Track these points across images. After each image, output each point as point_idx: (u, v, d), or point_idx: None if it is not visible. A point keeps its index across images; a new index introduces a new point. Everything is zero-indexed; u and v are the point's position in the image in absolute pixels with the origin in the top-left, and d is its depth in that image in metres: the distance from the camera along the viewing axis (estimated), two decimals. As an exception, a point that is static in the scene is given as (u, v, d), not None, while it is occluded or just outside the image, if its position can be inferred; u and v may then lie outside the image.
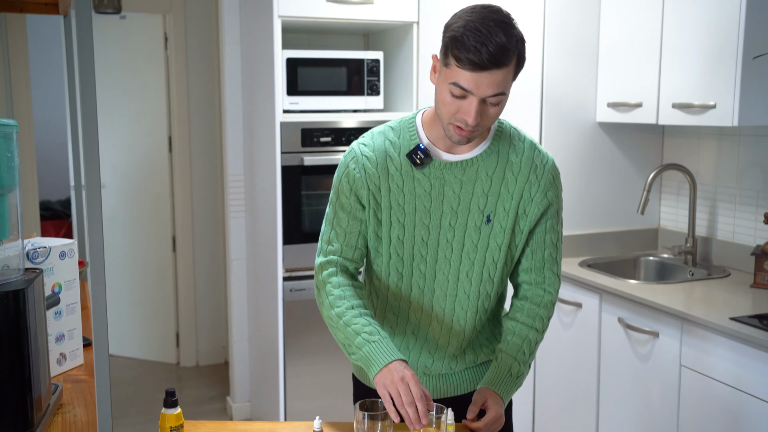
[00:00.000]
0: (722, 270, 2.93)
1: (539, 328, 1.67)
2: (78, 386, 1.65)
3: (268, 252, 3.24)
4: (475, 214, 1.61)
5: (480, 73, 1.42)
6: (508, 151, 1.62)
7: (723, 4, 2.54)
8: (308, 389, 3.15)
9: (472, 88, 1.44)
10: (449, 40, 1.45)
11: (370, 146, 1.64)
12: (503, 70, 1.43)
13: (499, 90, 1.45)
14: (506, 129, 1.66)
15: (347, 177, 1.63)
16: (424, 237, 1.63)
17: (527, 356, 1.65)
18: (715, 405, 2.31)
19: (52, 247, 1.69)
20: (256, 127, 3.41)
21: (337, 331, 1.59)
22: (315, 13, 2.99)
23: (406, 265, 1.65)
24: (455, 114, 1.49)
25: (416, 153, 1.59)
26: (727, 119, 2.54)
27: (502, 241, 1.62)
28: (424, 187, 1.60)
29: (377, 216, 1.63)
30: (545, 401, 3.13)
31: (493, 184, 1.61)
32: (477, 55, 1.40)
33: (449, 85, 1.46)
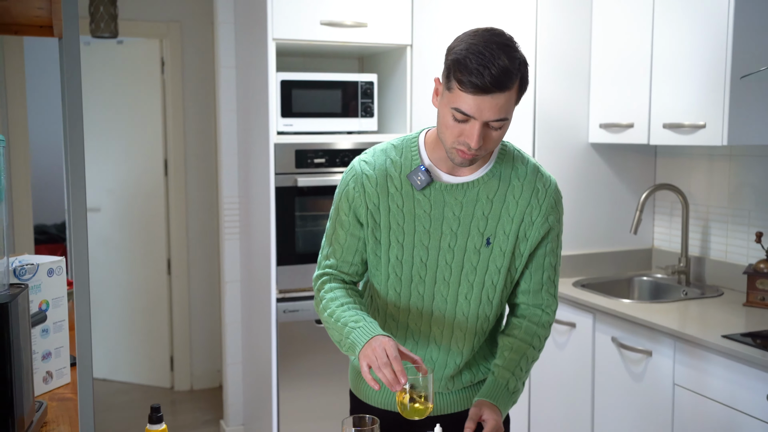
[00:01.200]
0: (715, 289, 2.93)
1: (536, 346, 1.67)
2: (64, 404, 1.64)
3: (262, 273, 3.23)
4: (474, 236, 1.60)
5: (482, 96, 1.41)
6: (510, 174, 1.61)
7: (711, 25, 2.56)
8: (302, 413, 3.13)
9: (474, 112, 1.43)
10: (452, 63, 1.44)
11: (371, 164, 1.63)
12: (506, 94, 1.42)
13: (501, 115, 1.44)
14: (510, 151, 1.64)
15: (347, 195, 1.64)
16: (423, 258, 1.62)
17: (524, 373, 1.64)
18: (709, 424, 2.29)
19: (40, 264, 1.68)
20: (250, 149, 3.42)
21: (332, 332, 1.60)
22: (309, 36, 3.02)
23: (405, 286, 1.64)
24: (458, 137, 1.48)
25: (417, 174, 1.58)
26: (717, 139, 2.55)
27: (501, 264, 1.61)
28: (424, 208, 1.60)
29: (375, 235, 1.63)
30: (541, 420, 3.10)
31: (493, 206, 1.60)
32: (479, 78, 1.39)
33: (452, 109, 1.45)
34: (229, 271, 3.75)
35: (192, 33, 4.48)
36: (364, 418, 1.49)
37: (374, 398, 1.77)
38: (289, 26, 2.99)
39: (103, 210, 4.73)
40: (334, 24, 3.02)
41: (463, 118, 1.45)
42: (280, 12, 2.96)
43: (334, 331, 1.59)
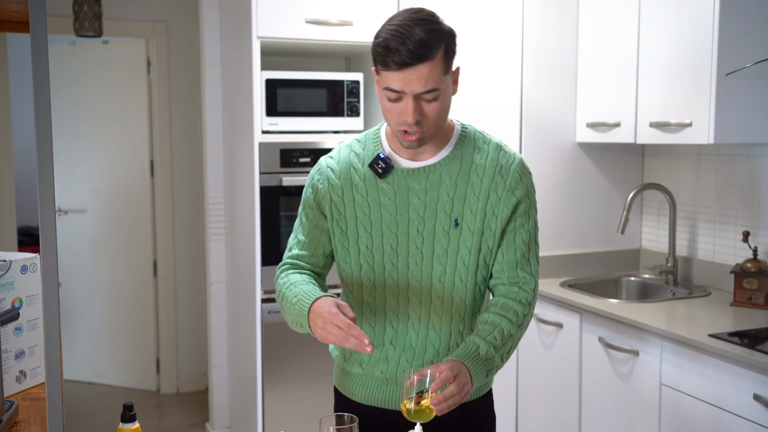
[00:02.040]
0: (703, 289, 2.92)
1: (513, 319, 1.60)
2: (36, 404, 1.61)
3: (247, 274, 3.20)
4: (442, 219, 1.60)
5: (406, 70, 1.45)
6: (473, 154, 1.62)
7: (697, 24, 2.55)
8: (288, 415, 3.09)
9: (402, 87, 1.46)
10: (373, 48, 1.50)
11: (335, 158, 1.68)
12: (428, 64, 1.45)
13: (429, 85, 1.47)
14: (470, 133, 1.66)
15: (312, 188, 1.67)
16: (393, 245, 1.62)
17: (499, 342, 1.56)
18: (696, 423, 2.27)
19: (13, 261, 1.65)
20: (236, 149, 3.39)
21: (286, 315, 1.59)
22: (294, 35, 2.99)
23: (378, 275, 1.64)
24: (398, 118, 1.51)
25: (377, 162, 1.61)
26: (704, 137, 2.54)
27: (471, 245, 1.60)
28: (389, 195, 1.61)
29: (341, 227, 1.64)
30: (528, 421, 3.08)
31: (458, 187, 1.60)
32: (398, 54, 1.44)
33: (384, 91, 1.50)
34: (214, 272, 3.71)
35: (178, 33, 4.45)
36: (343, 416, 1.46)
37: (358, 394, 1.74)
38: (274, 24, 2.97)
39: (89, 211, 4.68)
40: (319, 22, 3.00)
41: (395, 96, 1.48)
42: (264, 10, 2.94)
43: (288, 315, 1.59)
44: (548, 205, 3.20)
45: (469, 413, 1.73)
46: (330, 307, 1.45)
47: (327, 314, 1.44)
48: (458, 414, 1.71)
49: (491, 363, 1.55)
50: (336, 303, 1.48)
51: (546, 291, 2.94)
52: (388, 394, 1.70)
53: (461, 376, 1.45)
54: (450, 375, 1.43)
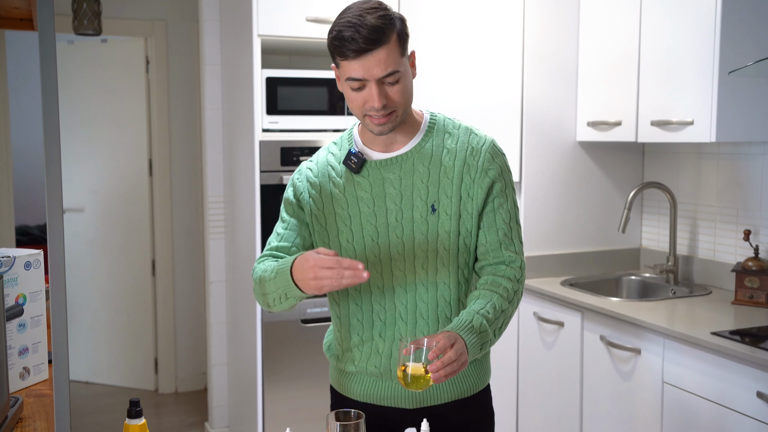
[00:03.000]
0: (704, 288, 2.92)
1: (504, 294, 1.60)
2: (41, 401, 1.60)
3: (247, 272, 3.19)
4: (419, 206, 1.63)
5: (364, 57, 1.49)
6: (443, 140, 1.66)
7: (699, 22, 2.56)
8: (288, 414, 3.08)
9: (363, 74, 1.50)
10: (330, 42, 1.53)
11: (314, 161, 1.73)
12: (384, 48, 1.49)
13: (389, 68, 1.51)
14: (440, 120, 1.69)
15: (292, 188, 1.72)
16: (373, 237, 1.64)
17: (491, 316, 1.55)
18: (699, 421, 2.27)
19: (17, 257, 1.64)
20: (236, 147, 3.39)
21: (268, 297, 1.57)
22: (295, 33, 2.99)
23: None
24: (363, 106, 1.54)
25: (350, 158, 1.65)
26: (705, 135, 2.54)
27: (450, 228, 1.62)
28: (365, 188, 1.65)
29: (321, 223, 1.68)
30: (529, 420, 3.07)
31: (431, 173, 1.63)
32: (354, 43, 1.47)
33: (346, 81, 1.53)
34: (214, 271, 3.70)
35: (177, 32, 4.44)
36: (350, 412, 1.46)
37: (355, 392, 1.74)
38: (275, 23, 2.96)
39: (87, 210, 4.67)
40: (319, 20, 3.00)
41: (358, 84, 1.52)
42: (265, 8, 2.93)
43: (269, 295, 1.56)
44: (549, 204, 3.20)
45: (467, 408, 1.73)
46: (312, 255, 1.43)
47: (313, 262, 1.41)
48: (456, 409, 1.71)
49: (485, 336, 1.54)
50: (315, 251, 1.45)
51: (546, 289, 2.94)
52: (384, 389, 1.70)
53: (458, 344, 1.45)
54: (447, 343, 1.43)
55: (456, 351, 1.43)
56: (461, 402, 1.72)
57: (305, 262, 1.44)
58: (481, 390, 1.76)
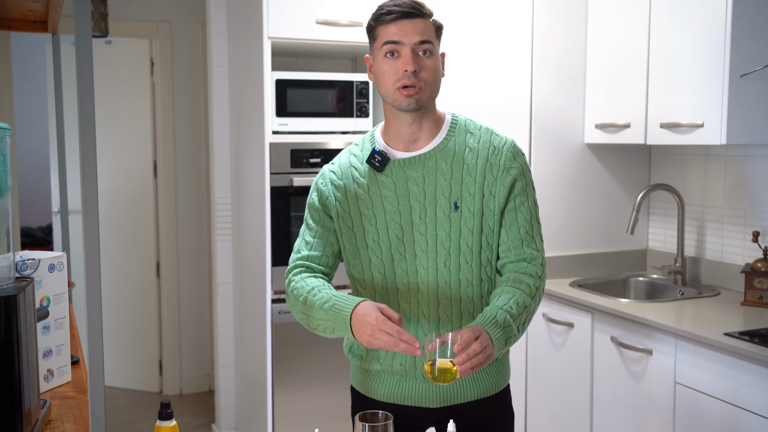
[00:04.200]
0: (712, 289, 2.94)
1: (526, 290, 1.62)
2: (66, 402, 1.60)
3: (257, 274, 3.20)
4: (442, 203, 1.65)
5: (403, 21, 1.58)
6: (465, 139, 1.69)
7: (709, 24, 2.58)
8: (298, 415, 3.09)
9: (400, 36, 1.58)
10: (371, 20, 1.64)
11: (336, 163, 1.76)
12: (423, 20, 1.60)
13: (425, 37, 1.59)
14: (461, 121, 1.73)
15: (317, 192, 1.74)
16: (398, 235, 1.67)
17: (515, 311, 1.57)
18: (712, 421, 2.29)
19: (41, 260, 1.65)
20: (243, 149, 3.39)
21: (312, 320, 1.60)
22: (305, 35, 3.00)
23: (387, 266, 1.68)
24: (396, 75, 1.59)
25: (373, 156, 1.67)
26: (716, 138, 2.56)
27: (473, 225, 1.65)
28: (389, 187, 1.67)
29: (348, 225, 1.70)
30: (537, 421, 3.09)
31: (454, 171, 1.65)
32: (395, 9, 1.59)
33: (382, 48, 1.60)
34: (221, 272, 3.70)
35: (182, 33, 4.44)
36: (377, 414, 1.47)
37: (379, 392, 1.75)
38: (285, 25, 2.97)
39: (91, 212, 4.66)
40: (329, 23, 3.01)
41: (393, 48, 1.59)
42: (275, 11, 2.94)
43: (313, 319, 1.60)
44: (556, 205, 3.22)
45: (487, 407, 1.74)
46: (376, 314, 1.47)
47: (375, 322, 1.46)
48: (477, 408, 1.73)
49: (509, 331, 1.55)
50: (378, 308, 1.49)
51: (555, 291, 2.96)
52: (408, 389, 1.71)
53: (483, 337, 1.48)
54: (472, 336, 1.46)
55: (481, 343, 1.45)
56: (482, 401, 1.74)
57: (367, 317, 1.47)
58: (501, 390, 1.78)
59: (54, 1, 1.99)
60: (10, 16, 2.33)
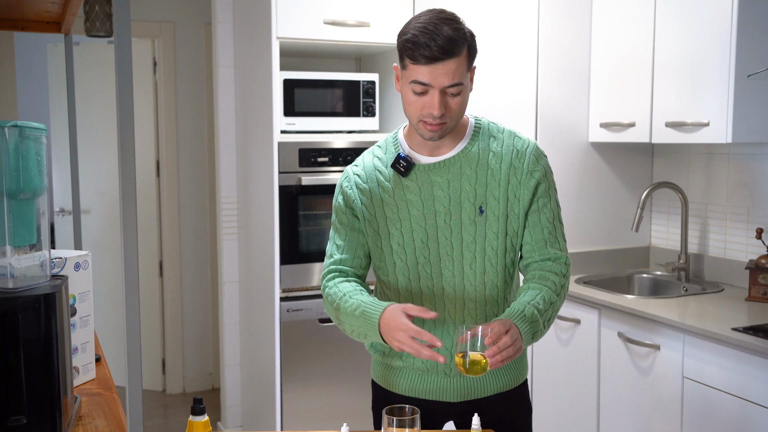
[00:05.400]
0: (715, 285, 2.98)
1: (551, 287, 1.65)
2: (94, 399, 1.63)
3: (265, 273, 3.22)
4: (467, 208, 1.67)
5: (434, 65, 1.53)
6: (489, 143, 1.70)
7: (714, 23, 2.62)
8: (306, 413, 3.11)
9: (430, 80, 1.54)
10: (403, 44, 1.57)
11: (360, 166, 1.77)
12: (455, 60, 1.54)
13: (455, 80, 1.55)
14: (484, 125, 1.74)
15: (342, 195, 1.76)
16: (423, 239, 1.69)
17: (541, 307, 1.60)
18: (720, 415, 2.33)
19: (68, 258, 1.67)
20: (251, 149, 3.41)
21: (344, 325, 1.65)
22: (312, 36, 3.02)
23: (412, 270, 1.71)
24: (421, 111, 1.59)
25: (399, 162, 1.69)
26: (721, 136, 2.61)
27: (498, 229, 1.67)
28: (414, 192, 1.69)
29: (374, 228, 1.72)
30: (544, 418, 3.12)
31: (478, 176, 1.68)
32: (428, 49, 1.52)
33: (410, 84, 1.58)
34: (227, 271, 3.72)
35: (185, 33, 4.45)
36: (404, 408, 1.50)
37: (401, 386, 1.78)
38: (293, 25, 2.99)
39: (93, 212, 4.67)
40: (337, 23, 3.03)
41: (422, 89, 1.56)
42: (283, 11, 2.96)
43: (346, 324, 1.65)
44: (561, 203, 3.22)
45: (507, 402, 1.78)
46: (403, 320, 1.51)
47: (405, 328, 1.49)
48: (497, 402, 1.76)
49: (536, 326, 1.59)
50: (403, 310, 1.53)
51: (562, 288, 2.99)
52: (429, 383, 1.75)
53: (513, 330, 1.51)
54: (502, 329, 1.49)
55: (511, 336, 1.48)
56: (501, 396, 1.77)
57: (395, 323, 1.51)
58: (520, 384, 1.81)
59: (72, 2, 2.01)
60: (26, 17, 2.34)
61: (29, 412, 1.24)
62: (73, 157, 2.64)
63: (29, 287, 1.28)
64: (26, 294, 1.24)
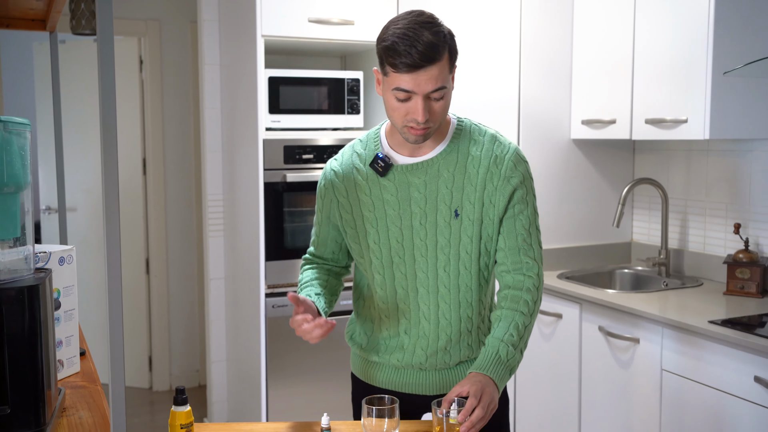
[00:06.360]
0: (695, 280, 3.03)
1: (524, 311, 1.68)
2: (79, 391, 1.65)
3: (250, 269, 3.24)
4: (443, 210, 1.68)
5: (416, 72, 1.52)
6: (468, 146, 1.70)
7: (691, 21, 2.66)
8: (291, 410, 3.14)
9: (412, 87, 1.54)
10: (383, 50, 1.56)
11: (339, 161, 1.78)
12: (437, 65, 1.53)
13: (438, 84, 1.55)
14: (466, 126, 1.73)
15: (320, 193, 1.80)
16: (398, 239, 1.71)
17: (516, 339, 1.64)
18: (697, 406, 2.38)
19: (52, 252, 1.69)
20: (237, 146, 3.43)
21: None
22: (297, 33, 3.05)
23: (387, 268, 1.73)
24: (405, 116, 1.58)
25: (377, 162, 1.70)
26: (699, 133, 2.65)
27: (472, 233, 1.68)
28: (391, 192, 1.70)
29: (351, 225, 1.75)
30: (527, 413, 3.16)
31: (455, 179, 1.68)
32: (409, 57, 1.51)
33: (393, 91, 1.56)
34: (213, 268, 3.74)
35: (171, 31, 4.46)
36: (383, 398, 1.53)
37: (379, 380, 1.82)
38: (278, 24, 3.02)
39: (80, 210, 4.68)
40: (321, 21, 3.06)
41: (405, 96, 1.55)
42: (269, 10, 2.99)
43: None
44: (544, 200, 3.29)
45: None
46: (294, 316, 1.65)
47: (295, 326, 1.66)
48: None
49: (513, 361, 1.63)
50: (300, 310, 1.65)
51: (544, 283, 3.03)
52: (405, 377, 1.78)
53: (485, 397, 1.52)
54: (474, 402, 1.50)
55: (483, 408, 1.50)
56: None
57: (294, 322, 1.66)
58: None
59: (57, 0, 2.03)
60: (11, 14, 2.35)
61: (13, 402, 1.26)
62: (58, 154, 2.65)
63: (13, 279, 1.30)
64: (10, 286, 1.26)
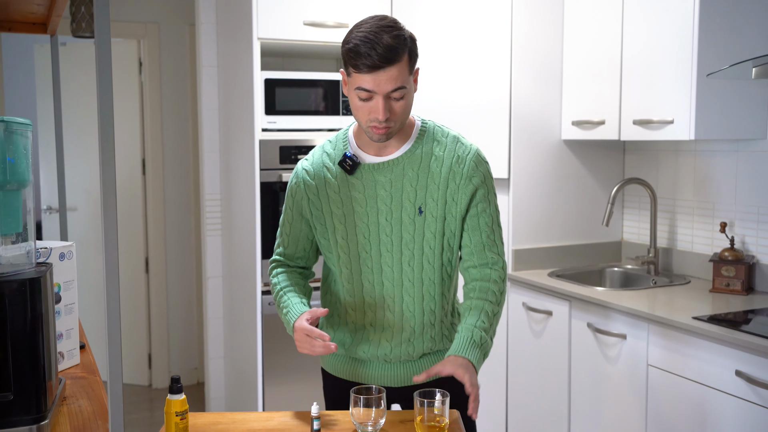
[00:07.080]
0: (683, 278, 3.09)
1: (492, 300, 1.78)
2: (78, 382, 1.71)
3: (247, 267, 3.31)
4: (407, 207, 1.77)
5: (376, 72, 1.61)
6: (432, 147, 1.79)
7: (677, 24, 2.72)
8: (287, 404, 3.20)
9: (373, 87, 1.62)
10: (346, 52, 1.65)
11: (310, 160, 1.86)
12: (396, 66, 1.62)
13: (398, 84, 1.63)
14: (430, 128, 1.83)
15: (290, 191, 1.87)
16: (365, 235, 1.79)
17: (487, 325, 1.75)
18: (682, 400, 2.44)
19: (53, 248, 1.75)
20: (233, 147, 3.49)
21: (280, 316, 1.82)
22: (293, 36, 3.11)
23: (354, 263, 1.81)
24: (368, 115, 1.67)
25: (345, 161, 1.78)
26: (684, 133, 2.71)
27: (435, 229, 1.77)
28: (358, 189, 1.79)
29: (320, 222, 1.83)
30: (518, 408, 3.22)
31: (419, 178, 1.77)
32: (369, 59, 1.60)
33: (355, 90, 1.65)
34: (211, 267, 3.80)
35: (170, 34, 4.53)
36: (371, 388, 1.59)
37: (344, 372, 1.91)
38: (274, 26, 3.08)
39: (80, 210, 4.74)
40: (316, 24, 3.12)
41: (366, 95, 1.64)
42: (264, 13, 3.05)
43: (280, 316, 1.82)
44: (535, 199, 3.36)
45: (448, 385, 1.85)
46: (302, 323, 1.68)
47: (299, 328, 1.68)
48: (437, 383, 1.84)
49: (486, 346, 1.73)
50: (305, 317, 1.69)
51: (535, 280, 3.09)
52: (371, 369, 1.87)
53: (471, 375, 1.64)
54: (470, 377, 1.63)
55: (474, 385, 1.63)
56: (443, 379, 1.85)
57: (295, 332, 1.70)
58: None
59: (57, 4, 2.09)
60: (11, 17, 2.42)
61: (15, 389, 1.32)
62: (59, 154, 2.72)
63: (15, 272, 1.36)
64: (12, 278, 1.33)
